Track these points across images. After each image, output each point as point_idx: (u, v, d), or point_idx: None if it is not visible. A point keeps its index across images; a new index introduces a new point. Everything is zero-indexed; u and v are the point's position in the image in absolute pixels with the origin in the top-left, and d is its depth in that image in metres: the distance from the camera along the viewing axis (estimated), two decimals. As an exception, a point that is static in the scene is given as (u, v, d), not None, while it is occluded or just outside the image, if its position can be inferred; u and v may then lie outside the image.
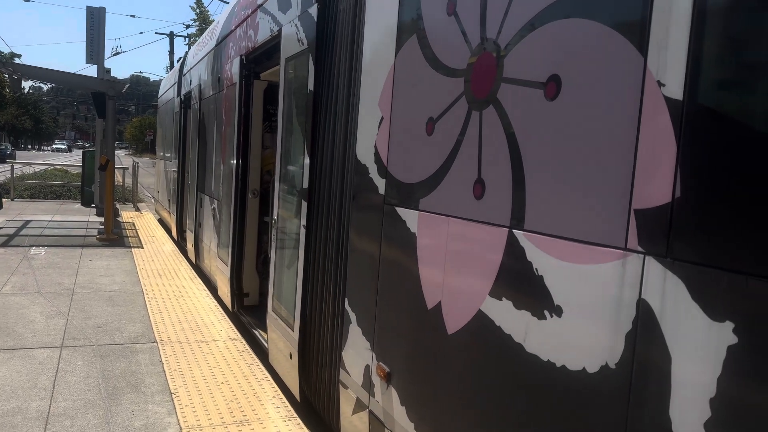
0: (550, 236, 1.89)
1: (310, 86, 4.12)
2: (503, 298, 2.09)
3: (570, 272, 1.80)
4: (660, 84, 1.52)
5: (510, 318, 2.06)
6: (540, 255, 1.93)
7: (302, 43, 4.34)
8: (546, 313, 1.89)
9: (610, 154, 1.67)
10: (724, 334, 1.34)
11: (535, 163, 1.96)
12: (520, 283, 2.01)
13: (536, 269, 1.94)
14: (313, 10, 4.08)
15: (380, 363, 3.02)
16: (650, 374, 1.53)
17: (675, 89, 1.48)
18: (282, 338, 4.65)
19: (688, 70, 1.45)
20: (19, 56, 56.35)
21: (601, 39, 1.72)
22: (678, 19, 1.48)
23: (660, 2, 1.54)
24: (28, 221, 12.49)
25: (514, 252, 2.05)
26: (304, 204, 4.17)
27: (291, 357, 4.40)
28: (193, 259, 9.32)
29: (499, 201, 2.14)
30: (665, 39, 1.51)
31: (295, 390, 4.36)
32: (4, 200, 14.75)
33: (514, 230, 2.05)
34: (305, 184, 4.17)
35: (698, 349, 1.40)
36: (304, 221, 4.18)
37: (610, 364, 1.65)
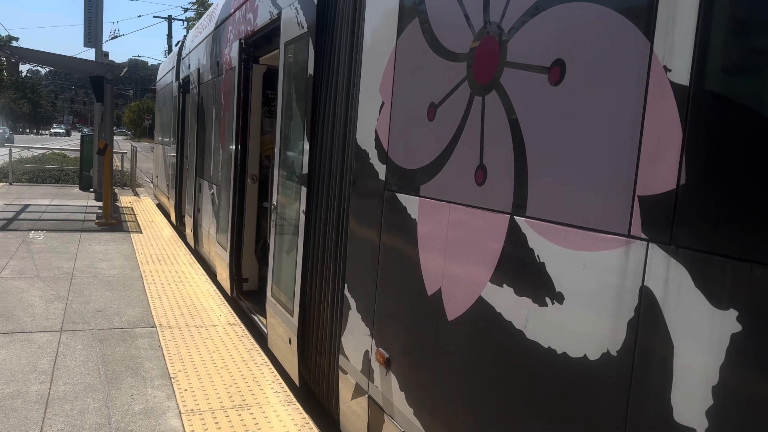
0: (552, 223, 1.87)
1: (310, 71, 4.08)
2: (504, 285, 2.09)
3: (572, 259, 1.79)
4: (666, 69, 1.50)
5: (511, 305, 2.05)
6: (542, 242, 1.92)
7: (302, 27, 4.29)
8: (547, 300, 1.88)
9: (614, 140, 1.65)
10: (728, 322, 1.34)
11: (538, 148, 1.95)
12: (522, 270, 2.01)
13: (538, 256, 1.93)
14: None
15: (380, 349, 3.02)
16: (652, 362, 1.52)
17: (682, 75, 1.46)
18: (281, 323, 4.65)
19: (696, 55, 1.43)
20: (17, 39, 55.91)
21: (607, 23, 1.69)
22: (685, 2, 1.46)
23: None
24: (26, 205, 12.47)
25: (515, 239, 2.04)
26: (304, 189, 4.15)
27: (290, 342, 4.40)
28: (192, 244, 9.31)
29: (501, 187, 2.12)
30: (672, 23, 1.49)
31: (295, 375, 4.37)
32: (1, 184, 14.69)
33: (515, 217, 2.04)
34: (305, 170, 4.14)
35: (701, 336, 1.40)
36: (303, 207, 4.16)
37: (611, 352, 1.65)
